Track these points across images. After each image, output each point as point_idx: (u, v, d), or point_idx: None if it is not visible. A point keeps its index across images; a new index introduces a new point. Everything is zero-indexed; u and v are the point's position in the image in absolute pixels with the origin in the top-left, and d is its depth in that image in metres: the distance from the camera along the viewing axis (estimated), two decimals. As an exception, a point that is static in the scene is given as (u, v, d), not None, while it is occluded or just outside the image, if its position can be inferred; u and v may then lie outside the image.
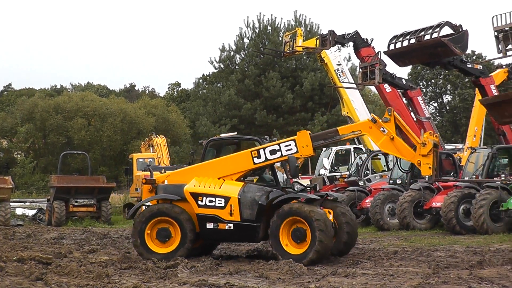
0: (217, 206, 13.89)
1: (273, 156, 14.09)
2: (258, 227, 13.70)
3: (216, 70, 48.97)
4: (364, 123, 14.13)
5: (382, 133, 13.79)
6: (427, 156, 13.56)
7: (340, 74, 29.83)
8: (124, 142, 52.86)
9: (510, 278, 10.75)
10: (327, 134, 14.41)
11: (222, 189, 14.00)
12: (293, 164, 13.58)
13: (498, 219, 19.27)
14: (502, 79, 27.17)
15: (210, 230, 13.91)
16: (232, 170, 14.33)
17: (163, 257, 13.61)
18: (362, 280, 10.88)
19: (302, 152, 14.10)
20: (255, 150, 14.24)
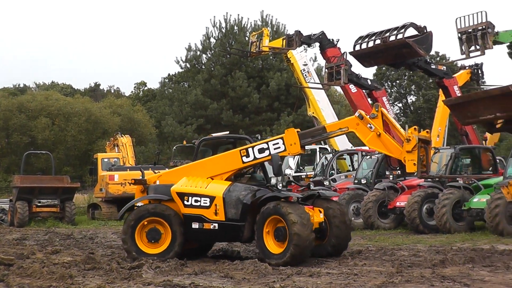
0: (203, 206, 13.78)
1: (261, 155, 13.95)
2: (243, 226, 13.55)
3: (182, 69, 48.84)
4: (351, 120, 13.88)
5: (369, 130, 13.57)
6: (412, 152, 13.28)
7: (306, 74, 29.94)
8: (88, 142, 52.44)
9: (471, 277, 10.89)
10: (315, 132, 14.22)
11: (207, 189, 13.88)
12: (276, 163, 13.43)
13: (461, 218, 19.51)
14: (465, 80, 27.49)
15: (195, 230, 13.80)
16: (221, 170, 14.21)
17: (153, 257, 13.49)
18: (327, 280, 10.92)
19: (290, 150, 13.91)
20: (244, 149, 14.12)
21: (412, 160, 13.27)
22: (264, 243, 13.19)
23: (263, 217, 13.19)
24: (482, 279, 10.70)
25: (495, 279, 10.66)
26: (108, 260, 13.55)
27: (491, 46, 20.87)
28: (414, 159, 13.24)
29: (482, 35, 20.74)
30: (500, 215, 17.87)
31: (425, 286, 10.11)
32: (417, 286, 10.16)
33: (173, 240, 13.84)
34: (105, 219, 28.25)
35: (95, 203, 30.61)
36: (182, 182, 14.17)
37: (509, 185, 16.82)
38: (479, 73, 27.80)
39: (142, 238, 14.03)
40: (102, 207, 29.06)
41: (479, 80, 28.04)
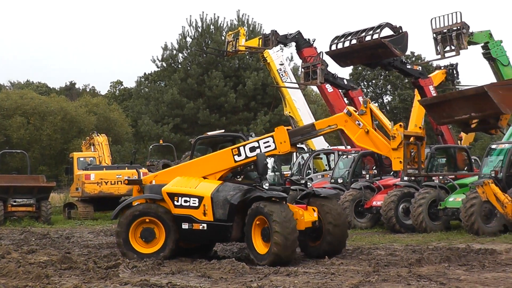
0: (192, 206, 13.64)
1: (252, 154, 13.78)
2: (231, 227, 13.40)
3: (158, 69, 48.69)
4: (340, 117, 13.60)
5: (358, 127, 13.26)
6: (398, 149, 12.91)
7: (282, 74, 30.00)
8: (64, 141, 52.11)
9: (447, 276, 10.98)
10: (304, 130, 14.01)
11: (197, 189, 13.75)
12: (261, 162, 13.30)
13: (436, 217, 19.66)
14: (441, 80, 27.70)
15: (185, 230, 13.68)
16: (214, 169, 14.09)
17: (148, 257, 13.44)
18: (304, 279, 10.95)
19: (280, 148, 13.73)
20: (236, 147, 13.98)
21: (398, 158, 12.93)
22: (252, 243, 13.09)
23: (251, 218, 13.10)
24: (457, 278, 10.79)
25: (471, 278, 10.76)
26: (84, 260, 13.47)
27: (465, 46, 21.05)
28: (400, 157, 12.89)
29: (457, 35, 20.91)
30: (475, 214, 18.04)
31: (402, 285, 10.18)
32: (393, 285, 10.23)
33: (166, 240, 13.76)
34: (82, 218, 28.07)
35: (71, 203, 30.42)
36: (173, 182, 14.10)
37: (484, 185, 17.00)
38: (454, 73, 28.02)
39: (136, 237, 13.96)
40: (78, 207, 28.88)
41: (454, 80, 28.26)
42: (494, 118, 14.54)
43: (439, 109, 13.72)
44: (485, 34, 22.03)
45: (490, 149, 20.28)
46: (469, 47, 21.39)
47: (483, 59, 22.62)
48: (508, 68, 22.20)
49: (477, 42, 22.03)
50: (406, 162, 12.87)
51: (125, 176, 28.66)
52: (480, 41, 22.08)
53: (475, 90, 14.26)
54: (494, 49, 22.11)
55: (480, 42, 22.14)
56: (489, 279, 10.63)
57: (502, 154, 19.46)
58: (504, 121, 14.85)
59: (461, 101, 14.25)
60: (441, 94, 19.88)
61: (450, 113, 14.93)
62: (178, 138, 43.90)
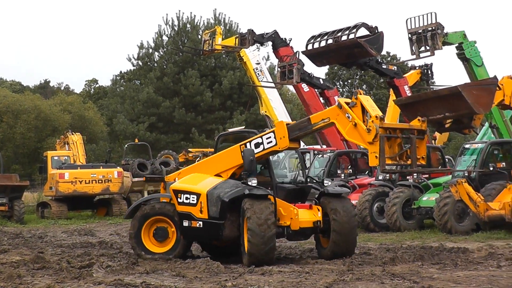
0: (191, 203, 13.45)
1: (257, 150, 13.39)
2: (222, 225, 13.14)
3: (134, 67, 48.56)
4: (332, 110, 13.00)
5: (348, 120, 12.59)
6: (373, 143, 12.21)
7: (259, 73, 29.99)
8: (38, 140, 51.68)
9: (421, 274, 11.04)
10: (301, 124, 13.45)
11: (197, 186, 13.54)
12: (246, 158, 13.09)
13: (410, 216, 19.77)
14: (415, 80, 27.87)
15: (185, 228, 13.50)
16: (225, 166, 13.82)
17: (161, 256, 13.43)
18: (279, 278, 10.96)
19: (279, 144, 13.29)
20: (243, 144, 13.63)
21: (374, 153, 12.26)
22: (243, 242, 12.85)
23: (241, 216, 12.91)
24: (431, 276, 10.87)
25: (444, 276, 10.84)
26: (58, 260, 13.36)
27: (440, 46, 21.18)
28: (376, 151, 12.21)
29: (432, 36, 21.03)
30: (448, 213, 18.17)
31: (376, 284, 10.22)
32: (367, 284, 10.27)
33: (177, 239, 13.69)
34: (55, 217, 27.85)
35: (44, 202, 30.18)
36: (182, 179, 14.01)
37: (457, 184, 17.14)
38: (429, 73, 28.21)
39: (149, 237, 13.90)
40: (52, 206, 28.65)
41: (428, 80, 28.46)
42: (468, 118, 14.67)
43: (413, 108, 13.78)
44: (460, 35, 22.19)
45: (464, 148, 20.46)
46: (443, 47, 21.53)
47: (458, 60, 22.78)
48: (482, 68, 22.38)
49: (452, 43, 22.18)
50: (383, 157, 12.14)
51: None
52: (454, 42, 22.23)
53: (449, 90, 14.37)
54: (468, 50, 22.28)
55: (454, 43, 22.30)
56: (462, 278, 10.72)
57: (475, 154, 19.63)
58: (478, 121, 14.99)
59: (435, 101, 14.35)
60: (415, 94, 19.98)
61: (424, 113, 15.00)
62: (153, 137, 43.77)
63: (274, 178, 13.84)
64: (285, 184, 14.03)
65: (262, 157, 13.62)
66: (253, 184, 13.09)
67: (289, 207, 13.17)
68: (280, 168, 14.72)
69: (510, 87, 15.83)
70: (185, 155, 35.20)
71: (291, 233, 13.13)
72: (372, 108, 12.66)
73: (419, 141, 12.66)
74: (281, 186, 13.83)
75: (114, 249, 16.06)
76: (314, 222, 13.13)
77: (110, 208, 29.35)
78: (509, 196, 17.03)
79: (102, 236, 20.11)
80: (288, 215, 13.09)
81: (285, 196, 13.65)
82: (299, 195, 13.93)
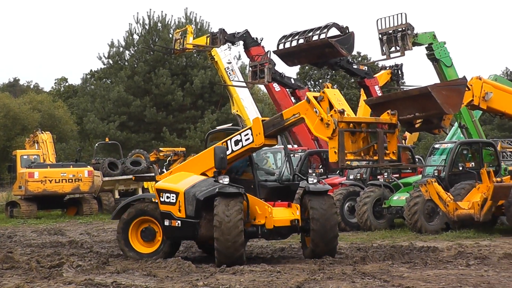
0: (171, 202, 13.16)
1: (237, 147, 13.13)
2: (198, 223, 12.89)
3: (104, 66, 48.23)
4: (302, 105, 12.68)
5: (316, 115, 12.23)
6: (332, 138, 11.81)
7: (230, 72, 29.99)
8: (7, 139, 51.13)
9: (391, 273, 11.12)
10: (275, 120, 13.10)
11: (177, 185, 13.30)
12: (217, 156, 12.86)
13: (381, 216, 19.91)
14: (386, 80, 28.06)
15: (166, 227, 13.23)
16: (208, 164, 13.44)
17: (147, 257, 13.23)
18: (250, 277, 10.97)
19: (256, 141, 12.96)
20: (224, 141, 13.38)
21: (333, 148, 11.83)
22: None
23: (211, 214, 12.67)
24: (401, 275, 10.95)
25: (414, 275, 10.93)
26: (27, 259, 13.24)
27: (410, 47, 21.34)
28: (335, 147, 11.79)
29: (402, 36, 21.18)
30: (418, 212, 18.32)
31: (346, 283, 10.27)
32: (338, 282, 10.31)
33: (163, 239, 13.52)
34: (25, 217, 27.59)
35: (14, 201, 29.88)
36: (166, 178, 13.88)
37: (427, 184, 17.29)
38: (399, 74, 28.41)
39: (137, 237, 13.77)
40: (22, 205, 28.37)
41: (399, 80, 28.68)
42: (438, 118, 14.83)
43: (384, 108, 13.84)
44: (429, 36, 22.39)
45: (433, 148, 20.64)
46: (413, 48, 21.70)
47: (427, 60, 22.99)
48: (451, 69, 22.61)
49: (422, 43, 22.38)
50: (342, 152, 11.70)
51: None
52: (424, 42, 22.43)
53: (419, 90, 14.51)
54: (438, 50, 22.50)
55: (424, 43, 22.50)
56: (431, 276, 10.81)
57: (445, 154, 19.82)
58: (447, 121, 15.15)
59: (405, 101, 14.47)
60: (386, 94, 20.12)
61: (395, 113, 15.13)
62: (124, 136, 43.53)
63: (257, 176, 13.64)
64: (268, 182, 13.79)
65: (241, 155, 13.36)
66: (225, 182, 12.78)
67: (264, 205, 12.92)
68: (266, 166, 14.53)
69: (479, 88, 16.00)
70: (156, 154, 35.07)
71: (266, 232, 12.87)
72: (338, 101, 12.33)
73: (390, 136, 12.36)
74: (263, 184, 13.62)
75: (84, 248, 15.96)
76: (291, 220, 12.86)
77: (80, 207, 29.15)
78: (478, 196, 17.22)
79: (72, 235, 19.96)
80: (263, 214, 12.85)
81: (267, 194, 13.45)
82: (284, 193, 13.62)
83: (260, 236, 13.20)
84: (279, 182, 13.83)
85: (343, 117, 11.93)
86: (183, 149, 37.19)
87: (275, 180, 13.88)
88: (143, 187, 30.54)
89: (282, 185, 13.77)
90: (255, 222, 12.88)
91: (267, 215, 12.82)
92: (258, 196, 13.32)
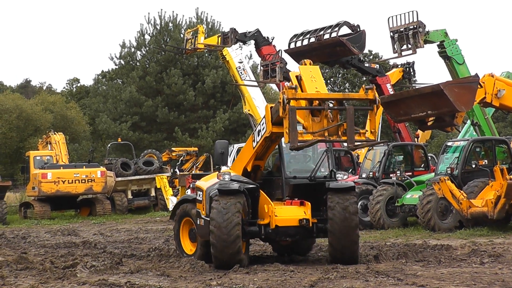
0: (199, 200, 12.89)
1: (258, 137, 12.24)
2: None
3: (116, 66, 48.33)
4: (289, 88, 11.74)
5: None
6: (286, 118, 10.91)
7: (241, 72, 30.00)
8: (20, 140, 51.27)
9: (404, 271, 11.11)
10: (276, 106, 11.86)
11: (205, 182, 12.97)
12: (216, 151, 12.73)
13: (394, 214, 19.86)
14: (398, 78, 28.00)
15: (198, 226, 12.86)
16: (246, 157, 12.74)
17: (189, 258, 12.97)
18: (264, 276, 10.98)
19: (267, 128, 11.92)
20: (253, 133, 12.73)
21: (286, 128, 10.92)
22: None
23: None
24: (414, 273, 10.93)
25: (427, 274, 10.91)
26: (41, 260, 13.31)
27: (422, 45, 21.28)
28: (286, 126, 10.87)
29: (414, 34, 21.12)
30: (431, 210, 18.27)
31: (360, 282, 10.27)
32: (352, 281, 10.31)
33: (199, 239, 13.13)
34: (38, 218, 27.71)
35: (27, 202, 30.03)
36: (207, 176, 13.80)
37: (440, 182, 17.24)
38: (411, 72, 28.35)
39: (187, 238, 13.75)
40: (35, 206, 28.50)
41: (411, 78, 28.60)
42: (450, 115, 14.80)
43: (396, 106, 13.86)
44: (441, 33, 22.30)
45: (446, 146, 20.57)
46: (425, 45, 21.63)
47: (439, 58, 22.89)
48: (463, 66, 22.50)
49: (433, 41, 22.28)
50: (292, 132, 10.75)
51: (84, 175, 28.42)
52: (436, 40, 22.34)
53: (431, 88, 14.48)
54: (450, 48, 22.39)
55: (436, 41, 22.41)
56: (445, 275, 10.79)
57: (457, 151, 19.74)
58: (460, 118, 15.12)
59: (417, 99, 14.46)
60: (398, 92, 20.07)
61: (407, 111, 15.11)
62: (136, 136, 43.63)
63: (284, 172, 12.80)
64: (298, 179, 12.91)
65: (265, 147, 12.46)
66: (226, 179, 12.21)
67: (268, 203, 12.32)
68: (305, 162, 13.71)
69: (491, 85, 15.96)
70: (168, 154, 35.15)
71: (270, 232, 12.21)
72: (312, 79, 11.52)
73: (370, 113, 11.29)
74: (290, 181, 12.80)
75: (98, 249, 16.01)
76: (300, 220, 12.11)
77: (93, 207, 29.27)
78: (492, 193, 17.15)
79: (86, 236, 20.04)
80: (268, 213, 12.25)
81: (294, 191, 12.77)
82: (315, 191, 12.74)
83: (263, 236, 12.52)
84: (310, 179, 12.90)
85: (296, 94, 11.06)
86: (195, 149, 37.27)
87: (307, 177, 12.92)
88: (156, 187, 30.65)
89: (313, 182, 12.85)
90: (260, 221, 12.31)
91: (271, 214, 12.18)
92: (284, 194, 12.66)
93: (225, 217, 11.69)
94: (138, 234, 19.92)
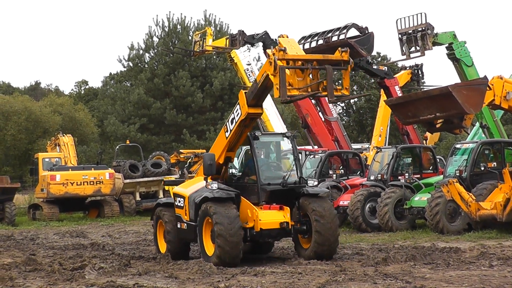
0: (179, 206, 14.08)
1: (232, 125, 13.60)
2: (196, 226, 13.43)
3: (125, 68, 48.42)
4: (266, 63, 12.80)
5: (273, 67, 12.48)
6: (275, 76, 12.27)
7: (249, 74, 30.02)
8: (29, 141, 51.45)
9: (413, 274, 11.09)
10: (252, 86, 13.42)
11: (186, 189, 14.09)
12: (205, 162, 13.33)
13: (402, 216, 19.81)
14: (406, 80, 27.94)
15: (178, 229, 14.10)
16: (219, 148, 13.98)
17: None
18: (272, 279, 10.98)
19: (242, 111, 13.33)
20: (226, 124, 13.87)
21: (276, 85, 12.23)
22: (203, 244, 13.16)
23: (201, 218, 13.15)
24: (423, 276, 10.91)
25: (436, 276, 10.89)
26: (50, 262, 13.35)
27: (430, 47, 21.24)
28: (277, 83, 12.16)
29: (422, 36, 21.10)
30: (440, 213, 18.22)
31: (368, 284, 10.26)
32: (360, 284, 10.30)
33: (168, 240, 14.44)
34: (47, 219, 27.77)
35: (36, 204, 30.09)
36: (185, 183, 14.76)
37: (449, 184, 17.19)
38: (419, 74, 28.27)
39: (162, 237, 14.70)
40: (44, 208, 28.57)
41: (419, 80, 28.53)
42: (459, 118, 14.75)
43: (404, 109, 13.84)
44: (449, 35, 22.26)
45: (455, 148, 20.50)
46: (433, 47, 21.60)
47: (448, 60, 22.86)
48: (472, 68, 22.46)
49: (442, 43, 22.25)
50: (283, 87, 12.06)
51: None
52: (444, 42, 22.31)
53: (439, 90, 14.44)
54: (458, 50, 22.35)
55: (444, 43, 22.37)
56: (454, 277, 10.76)
57: (466, 154, 19.68)
58: (468, 121, 15.07)
59: (426, 101, 14.42)
60: (406, 94, 20.07)
61: (415, 113, 15.08)
62: (144, 138, 43.69)
63: (259, 179, 13.65)
64: (272, 185, 13.75)
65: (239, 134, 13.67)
66: (213, 187, 13.19)
67: (252, 208, 13.25)
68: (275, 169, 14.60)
69: (500, 87, 15.89)
70: (176, 156, 35.16)
71: (255, 234, 13.20)
72: (291, 47, 12.85)
73: (344, 72, 13.01)
74: (266, 187, 13.63)
75: (106, 250, 16.05)
76: (280, 223, 13.17)
77: (101, 209, 29.31)
78: (501, 196, 17.09)
79: (94, 237, 20.09)
80: (252, 217, 13.21)
81: (269, 197, 13.59)
82: (286, 196, 13.71)
83: (249, 239, 13.34)
84: (283, 185, 13.74)
85: (284, 55, 12.35)
86: (203, 151, 37.24)
87: (280, 184, 13.83)
88: (164, 189, 30.67)
89: (286, 188, 13.74)
90: (245, 225, 13.16)
91: (255, 218, 13.14)
92: (260, 199, 13.53)
93: (231, 222, 12.62)
94: (146, 236, 19.94)
